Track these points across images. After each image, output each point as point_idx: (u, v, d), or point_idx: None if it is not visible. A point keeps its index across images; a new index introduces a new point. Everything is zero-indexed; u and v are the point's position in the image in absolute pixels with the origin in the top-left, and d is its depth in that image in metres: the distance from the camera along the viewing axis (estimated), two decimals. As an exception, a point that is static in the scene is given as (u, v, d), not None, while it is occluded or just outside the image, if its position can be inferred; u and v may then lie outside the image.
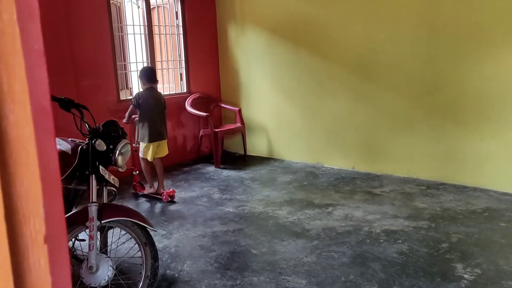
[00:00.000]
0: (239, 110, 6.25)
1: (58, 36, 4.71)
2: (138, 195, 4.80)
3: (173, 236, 3.71)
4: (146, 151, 4.50)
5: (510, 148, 4.34)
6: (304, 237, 3.57)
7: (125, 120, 4.51)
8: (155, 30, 5.92)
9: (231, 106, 6.44)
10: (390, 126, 5.15)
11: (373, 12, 5.05)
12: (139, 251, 2.58)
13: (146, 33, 5.75)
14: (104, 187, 2.59)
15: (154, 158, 4.56)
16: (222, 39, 6.57)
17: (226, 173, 5.62)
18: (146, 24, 5.73)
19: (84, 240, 2.63)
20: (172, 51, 6.16)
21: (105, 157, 2.56)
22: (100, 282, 2.37)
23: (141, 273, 2.59)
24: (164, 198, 4.58)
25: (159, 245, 3.43)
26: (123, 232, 2.60)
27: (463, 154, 4.64)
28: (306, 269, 3.03)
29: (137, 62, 5.78)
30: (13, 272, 0.49)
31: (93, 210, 2.35)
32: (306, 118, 5.86)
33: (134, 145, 4.62)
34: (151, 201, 4.65)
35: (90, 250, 2.34)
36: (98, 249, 2.41)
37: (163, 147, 4.64)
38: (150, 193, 4.72)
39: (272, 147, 6.31)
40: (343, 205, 4.28)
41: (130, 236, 2.58)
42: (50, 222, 0.51)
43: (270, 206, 4.32)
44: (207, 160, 6.18)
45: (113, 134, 2.62)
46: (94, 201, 2.39)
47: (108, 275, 2.39)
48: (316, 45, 5.59)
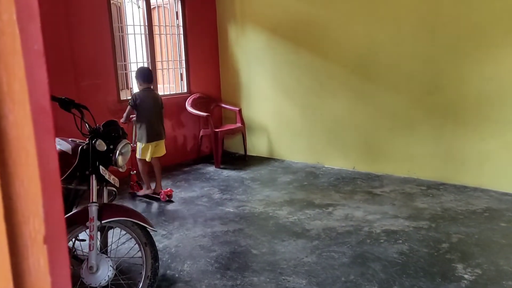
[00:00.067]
0: (239, 110, 6.25)
1: (58, 36, 4.71)
2: (135, 195, 4.79)
3: (173, 236, 3.71)
4: (144, 152, 4.49)
5: (511, 148, 4.34)
6: (304, 237, 3.57)
7: (122, 120, 4.50)
8: (156, 30, 5.92)
9: (231, 106, 6.44)
10: (390, 126, 5.14)
11: (373, 12, 5.04)
12: (139, 251, 2.58)
13: (147, 33, 5.75)
14: (104, 187, 2.59)
15: (152, 158, 4.56)
16: (222, 39, 6.57)
17: (226, 173, 5.62)
18: (146, 24, 5.74)
19: (84, 240, 2.63)
20: (172, 51, 6.16)
21: (105, 157, 2.56)
22: (100, 282, 2.37)
23: (141, 273, 2.59)
24: (162, 197, 4.59)
25: (159, 245, 3.43)
26: (123, 232, 2.60)
27: (464, 154, 4.64)
28: (306, 269, 3.03)
29: (137, 62, 5.78)
30: (12, 272, 0.49)
31: (93, 210, 2.35)
32: (307, 118, 5.86)
33: (132, 145, 4.61)
34: (151, 201, 4.65)
35: (90, 250, 2.34)
36: (98, 249, 2.41)
37: (161, 147, 4.65)
38: (147, 194, 4.70)
39: (272, 147, 6.31)
40: (344, 205, 4.28)
41: (130, 236, 2.58)
42: (49, 222, 0.51)
43: (270, 206, 4.31)
44: (208, 160, 6.18)
45: (113, 134, 2.62)
46: (94, 201, 2.39)
47: (108, 275, 2.39)
48: (316, 45, 5.58)
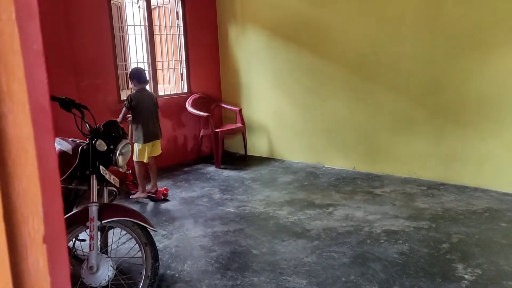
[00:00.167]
0: (240, 110, 6.25)
1: (59, 36, 4.71)
2: (130, 194, 4.75)
3: (173, 236, 3.71)
4: (142, 153, 4.48)
5: (511, 148, 4.34)
6: (304, 237, 3.56)
7: (118, 120, 4.48)
8: (156, 30, 5.92)
9: (232, 106, 6.43)
10: (390, 126, 5.14)
11: (374, 12, 5.04)
12: (140, 251, 2.58)
13: (147, 33, 5.75)
14: (104, 187, 2.60)
15: (148, 158, 4.56)
16: (222, 39, 6.57)
17: (226, 173, 5.62)
18: (146, 24, 5.74)
19: (84, 240, 2.63)
20: (172, 51, 6.16)
21: (105, 157, 2.56)
22: (100, 282, 2.37)
23: (141, 273, 2.59)
24: (157, 196, 4.61)
25: (160, 245, 3.43)
26: (124, 232, 2.60)
27: (464, 154, 4.64)
28: (306, 269, 3.03)
29: (137, 62, 5.78)
30: (11, 272, 0.49)
31: (93, 210, 2.35)
32: (307, 118, 5.86)
33: None
34: (148, 201, 4.65)
35: (90, 250, 2.34)
36: (99, 249, 2.41)
37: (157, 147, 4.66)
38: (141, 197, 4.62)
39: (272, 147, 6.31)
40: (344, 205, 4.27)
41: (130, 236, 2.58)
42: (49, 222, 0.51)
43: (270, 206, 4.31)
44: (208, 160, 6.18)
45: (113, 134, 2.62)
46: (94, 201, 2.39)
47: (108, 275, 2.39)
48: (317, 45, 5.58)
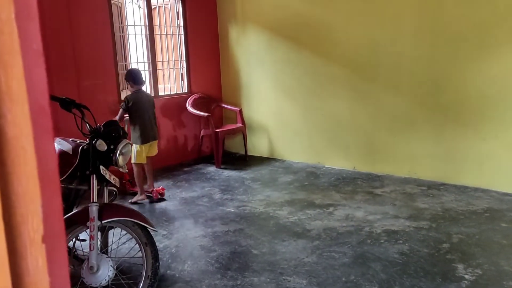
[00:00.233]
0: (240, 110, 6.25)
1: (60, 36, 4.71)
2: (126, 193, 4.74)
3: (173, 236, 3.71)
4: (140, 154, 4.47)
5: (511, 148, 4.34)
6: (305, 237, 3.56)
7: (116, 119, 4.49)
8: (156, 30, 5.92)
9: (232, 106, 6.43)
10: (391, 126, 5.14)
11: (374, 12, 5.04)
12: (140, 251, 2.58)
13: (147, 33, 5.75)
14: (105, 187, 2.59)
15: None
16: (223, 39, 6.57)
17: (227, 173, 5.62)
18: (147, 24, 5.74)
19: (84, 240, 2.63)
20: (173, 51, 6.16)
21: (106, 157, 2.56)
22: (100, 282, 2.37)
23: (141, 273, 2.59)
24: (154, 195, 4.62)
25: (160, 245, 3.43)
26: (124, 232, 2.60)
27: (464, 154, 4.63)
28: (307, 269, 3.03)
29: (138, 62, 5.78)
30: (11, 272, 0.49)
31: (94, 210, 2.35)
32: (307, 118, 5.86)
33: None
34: (151, 201, 4.65)
35: (90, 250, 2.34)
36: (99, 249, 2.41)
37: (154, 147, 4.67)
38: (140, 199, 4.60)
39: (273, 147, 6.31)
40: (344, 205, 4.27)
41: (130, 236, 2.58)
42: (48, 221, 0.51)
43: (271, 206, 4.31)
44: (208, 160, 6.18)
45: (113, 134, 2.62)
46: (95, 201, 2.39)
47: (108, 275, 2.39)
48: (317, 45, 5.58)
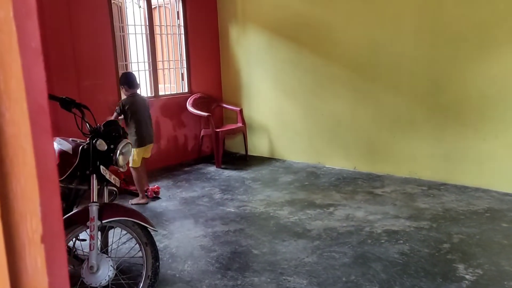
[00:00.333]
0: (240, 110, 6.24)
1: (60, 36, 4.71)
2: (122, 192, 4.72)
3: (174, 236, 3.70)
4: (137, 158, 4.45)
5: (512, 148, 4.33)
6: (305, 237, 3.56)
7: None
8: (157, 30, 5.92)
9: (232, 106, 6.43)
10: (391, 126, 5.13)
11: (375, 12, 5.03)
12: (140, 251, 2.58)
13: (148, 33, 5.75)
14: (105, 187, 2.59)
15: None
16: (223, 39, 6.57)
17: (227, 173, 5.61)
18: (147, 24, 5.73)
19: (84, 240, 2.62)
20: (173, 51, 6.16)
21: (106, 157, 2.55)
22: (100, 282, 2.37)
23: (142, 273, 2.59)
24: (149, 194, 4.64)
25: (160, 245, 3.43)
26: (124, 232, 2.60)
27: (465, 154, 4.63)
28: (307, 269, 3.02)
29: (138, 62, 5.78)
30: (9, 272, 0.48)
31: (94, 210, 2.34)
32: (308, 118, 5.86)
33: None
34: (151, 201, 4.65)
35: (90, 250, 2.34)
36: (99, 249, 2.41)
37: (149, 150, 4.66)
38: (141, 203, 4.57)
39: (273, 147, 6.31)
40: (345, 205, 4.27)
41: (131, 236, 2.58)
42: (47, 221, 0.50)
43: (271, 206, 4.31)
44: (208, 160, 6.18)
45: (114, 134, 2.62)
46: (95, 201, 2.39)
47: (108, 275, 2.39)
48: (317, 45, 5.58)
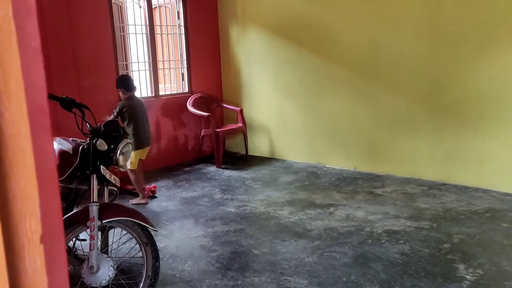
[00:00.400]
0: (241, 110, 6.24)
1: (60, 36, 4.70)
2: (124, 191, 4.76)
3: (174, 236, 3.70)
4: (134, 160, 4.44)
5: (513, 148, 4.32)
6: (305, 237, 3.56)
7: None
8: (157, 30, 5.91)
9: (233, 106, 6.43)
10: (391, 126, 5.13)
11: (375, 12, 5.03)
12: (140, 251, 2.57)
13: (148, 32, 5.74)
14: (105, 187, 2.59)
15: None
16: (224, 39, 6.56)
17: (227, 173, 5.61)
18: (147, 24, 5.73)
19: (85, 240, 2.62)
20: (173, 51, 6.16)
21: (106, 156, 2.55)
22: (101, 282, 2.37)
23: (142, 273, 2.58)
24: (146, 193, 4.67)
25: (160, 245, 3.42)
26: (124, 232, 2.60)
27: (465, 154, 4.62)
28: (307, 269, 3.02)
29: (138, 62, 5.78)
30: (8, 272, 0.48)
31: (94, 210, 2.34)
32: (308, 118, 5.85)
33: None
34: (150, 200, 4.65)
35: (91, 250, 2.34)
36: (99, 249, 2.41)
37: (146, 152, 4.65)
38: (142, 203, 4.58)
39: (273, 147, 6.30)
40: (345, 205, 4.27)
41: (131, 236, 2.57)
42: (46, 221, 0.50)
43: (271, 206, 4.31)
44: (209, 160, 6.18)
45: (114, 134, 2.62)
46: (95, 200, 2.39)
47: (109, 275, 2.39)
48: (318, 45, 5.57)
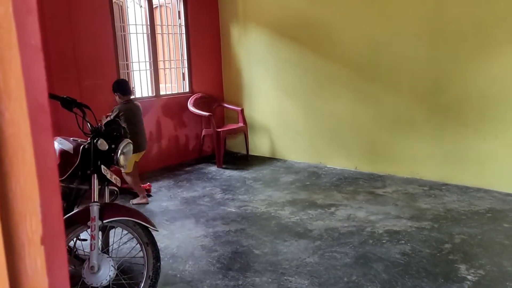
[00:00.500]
0: (242, 110, 6.24)
1: (60, 35, 4.70)
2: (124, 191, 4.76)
3: (175, 236, 3.70)
4: (131, 163, 4.41)
5: (514, 148, 4.32)
6: (306, 237, 3.55)
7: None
8: (158, 29, 5.91)
9: (234, 106, 6.42)
10: (392, 126, 5.12)
11: (375, 12, 5.02)
12: (141, 251, 2.57)
13: (149, 32, 5.74)
14: (106, 187, 2.59)
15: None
16: (224, 39, 6.56)
17: (228, 173, 5.61)
18: (148, 23, 5.73)
19: (85, 239, 2.62)
20: (174, 51, 6.15)
21: (107, 156, 2.55)
22: (101, 282, 2.37)
23: (142, 273, 2.58)
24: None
25: (161, 245, 3.42)
26: (125, 232, 2.59)
27: (466, 154, 4.62)
28: (308, 269, 3.02)
29: (139, 62, 5.78)
30: (8, 273, 0.48)
31: (94, 209, 2.34)
32: (309, 118, 5.85)
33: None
34: (151, 200, 4.65)
35: (91, 250, 2.33)
36: (100, 249, 2.41)
37: (141, 155, 4.63)
38: (142, 203, 4.58)
39: (274, 147, 6.30)
40: (346, 205, 4.26)
41: (132, 236, 2.57)
42: (47, 222, 0.50)
43: (272, 206, 4.30)
44: (210, 160, 6.18)
45: (115, 133, 2.62)
46: (96, 200, 2.38)
47: (109, 275, 2.38)
48: (319, 45, 5.57)
